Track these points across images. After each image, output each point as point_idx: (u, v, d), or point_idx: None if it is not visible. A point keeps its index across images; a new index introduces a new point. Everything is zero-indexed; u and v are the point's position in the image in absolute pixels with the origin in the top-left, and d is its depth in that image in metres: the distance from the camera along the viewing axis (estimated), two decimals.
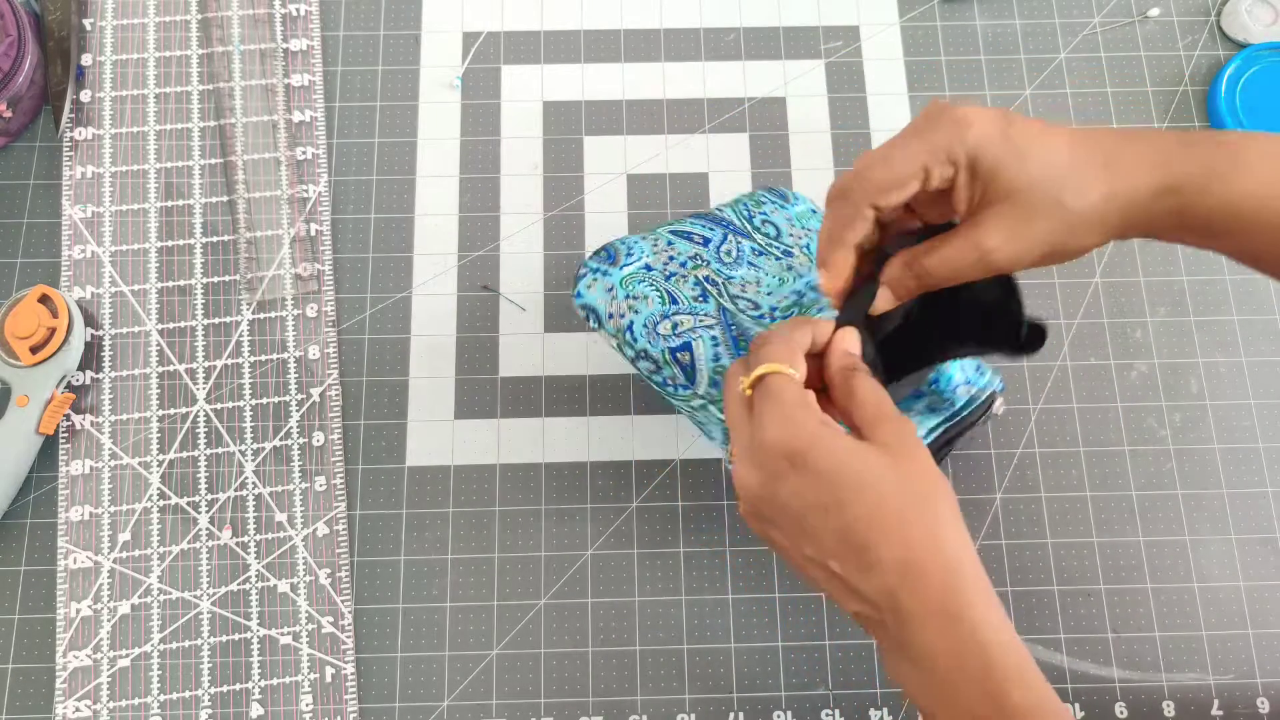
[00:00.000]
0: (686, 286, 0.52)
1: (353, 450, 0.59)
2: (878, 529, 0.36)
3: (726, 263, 0.54)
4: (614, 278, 0.52)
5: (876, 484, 0.37)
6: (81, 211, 0.62)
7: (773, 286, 0.52)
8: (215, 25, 0.66)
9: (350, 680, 0.55)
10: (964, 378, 0.52)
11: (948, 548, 0.36)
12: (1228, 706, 0.55)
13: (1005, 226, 0.39)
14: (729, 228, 0.56)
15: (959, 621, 0.35)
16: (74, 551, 0.56)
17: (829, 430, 0.38)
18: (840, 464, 0.37)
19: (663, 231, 0.55)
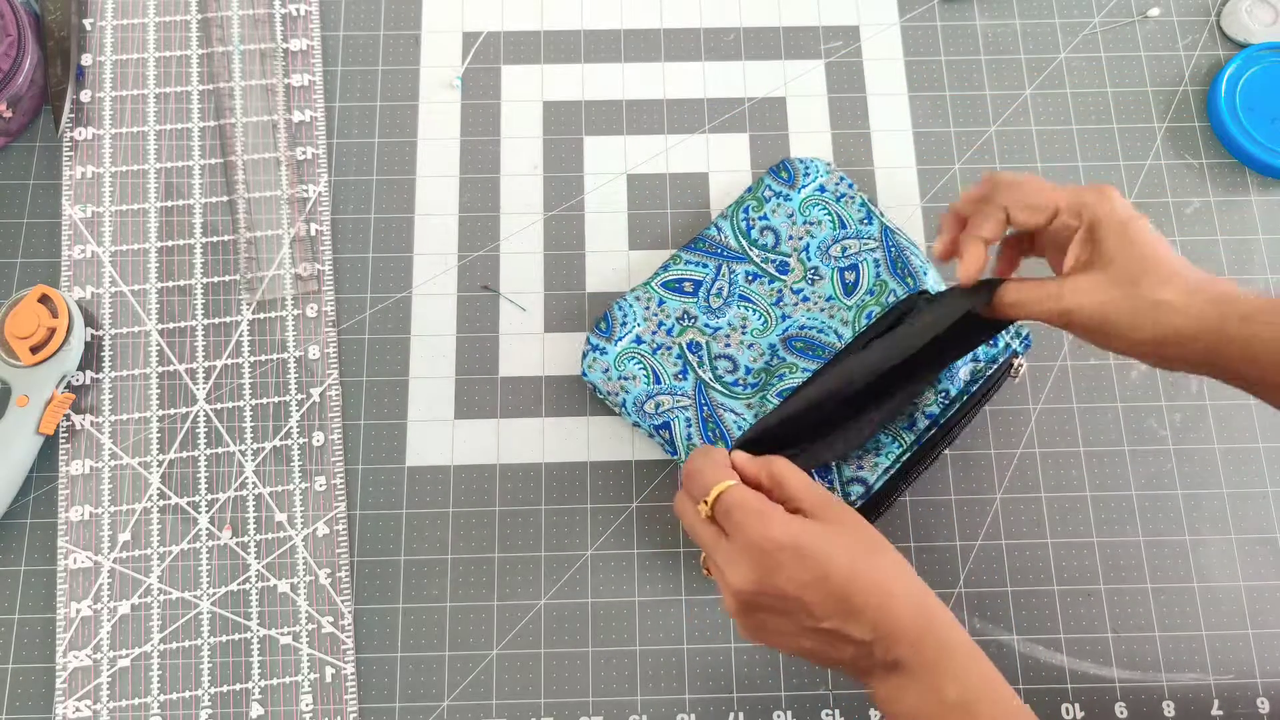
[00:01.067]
0: (670, 360, 0.58)
1: (353, 450, 0.59)
2: (854, 582, 0.42)
3: (715, 309, 0.59)
4: (609, 356, 0.58)
5: (842, 550, 0.43)
6: (81, 211, 0.62)
7: (756, 332, 0.58)
8: (215, 25, 0.66)
9: (350, 680, 0.55)
10: (968, 355, 0.55)
11: (903, 579, 0.43)
12: (1228, 706, 0.55)
13: (1087, 280, 0.46)
14: (723, 255, 0.60)
15: (930, 625, 0.43)
16: (74, 551, 0.56)
17: (796, 519, 0.44)
18: (815, 543, 0.43)
19: (655, 287, 0.60)
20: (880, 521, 0.58)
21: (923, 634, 0.42)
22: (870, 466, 0.54)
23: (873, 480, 0.54)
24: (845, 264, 0.59)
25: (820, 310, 0.58)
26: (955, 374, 0.55)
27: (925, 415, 0.55)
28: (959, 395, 0.55)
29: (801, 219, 0.60)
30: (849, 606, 0.42)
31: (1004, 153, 0.66)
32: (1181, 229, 0.64)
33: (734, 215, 0.61)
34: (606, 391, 0.58)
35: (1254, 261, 0.63)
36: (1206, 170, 0.66)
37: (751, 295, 0.59)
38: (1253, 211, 0.65)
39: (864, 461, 0.54)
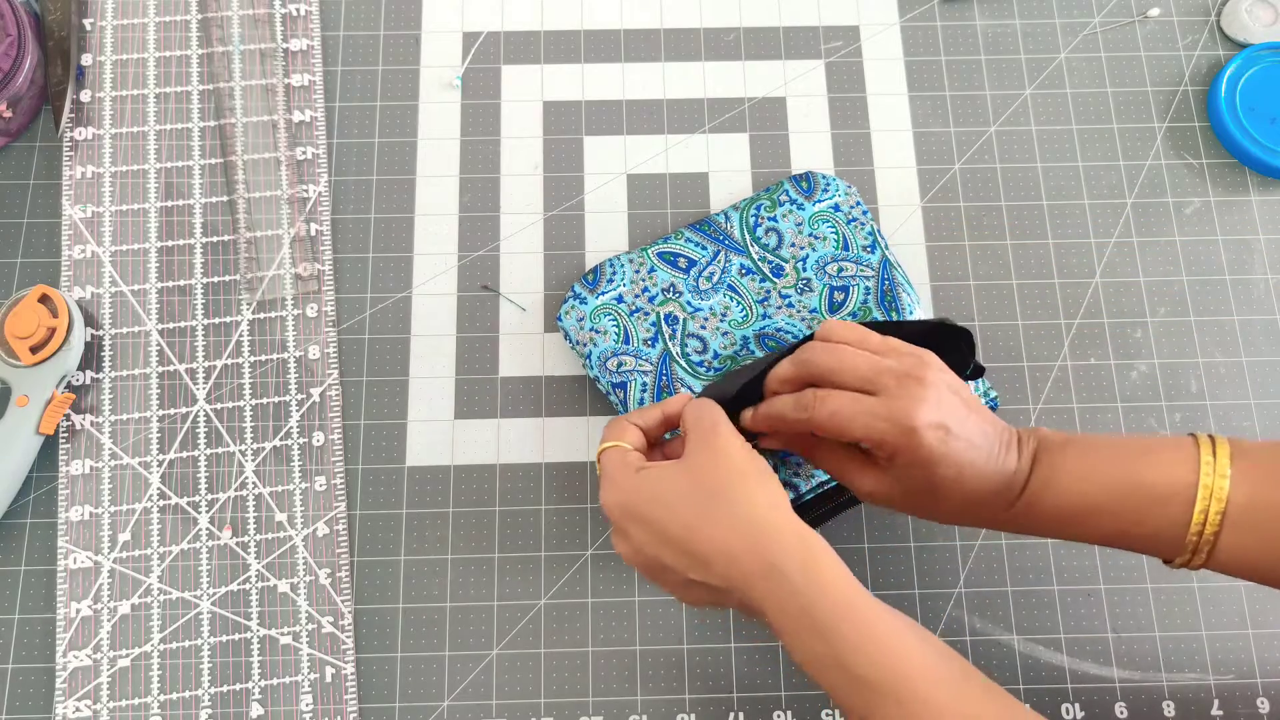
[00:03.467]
0: (644, 326, 0.58)
1: (353, 450, 0.59)
2: (693, 534, 0.43)
3: (702, 290, 0.59)
4: (588, 307, 0.59)
5: (680, 502, 0.44)
6: (81, 211, 0.62)
7: (734, 323, 0.59)
8: (215, 25, 0.66)
9: (350, 680, 0.55)
10: None
11: (750, 523, 0.43)
12: (1228, 706, 0.55)
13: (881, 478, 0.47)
14: (724, 243, 0.61)
15: (774, 573, 0.42)
16: (74, 551, 0.56)
17: (640, 475, 0.45)
18: (648, 505, 0.44)
19: (650, 254, 0.60)
20: (882, 521, 0.58)
21: (769, 586, 0.42)
22: (805, 475, 0.55)
23: (805, 489, 0.55)
24: (838, 283, 0.59)
25: (800, 319, 0.59)
26: None
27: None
28: None
29: (808, 230, 0.60)
30: (697, 559, 0.43)
31: (1004, 153, 0.66)
32: (1181, 229, 0.64)
33: (746, 209, 0.61)
34: (576, 340, 0.58)
35: (1254, 261, 0.63)
36: (1206, 170, 0.66)
37: (740, 287, 0.59)
38: (1252, 211, 0.65)
39: (801, 470, 0.55)
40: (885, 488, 0.47)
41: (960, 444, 0.45)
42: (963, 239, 0.64)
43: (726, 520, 0.43)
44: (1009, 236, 0.64)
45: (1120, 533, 0.45)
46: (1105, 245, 0.64)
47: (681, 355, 0.58)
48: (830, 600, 0.42)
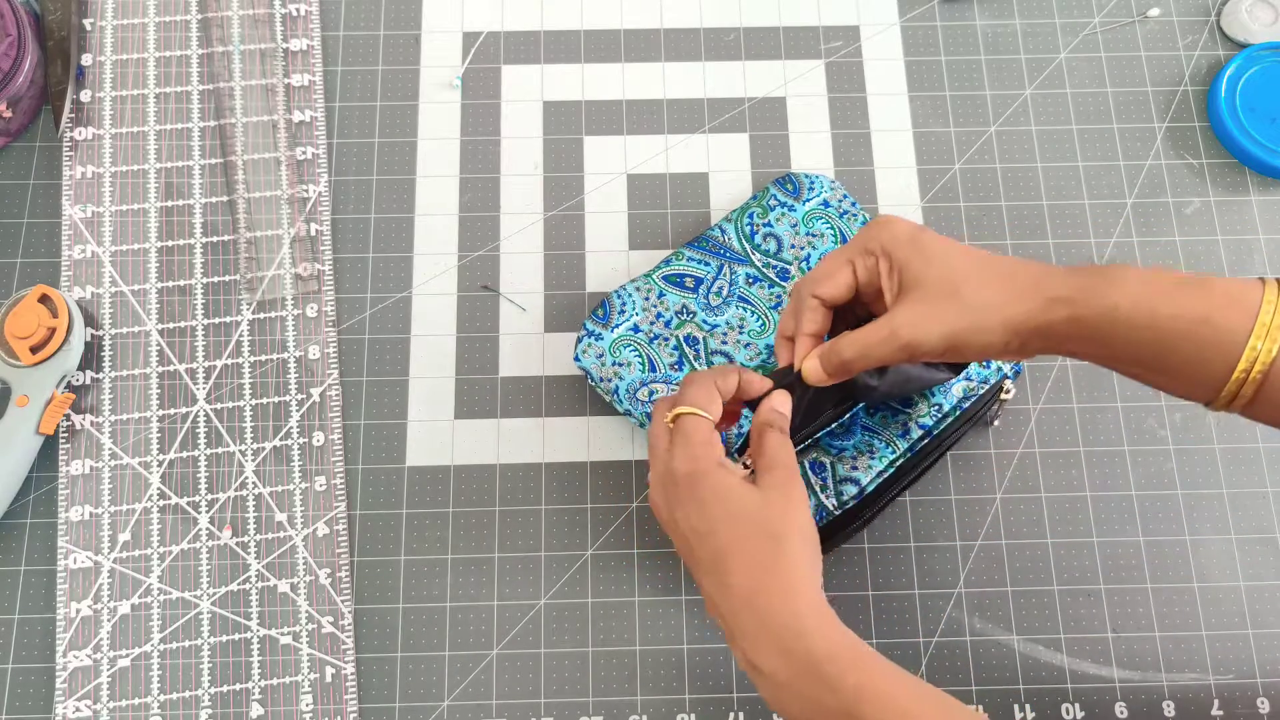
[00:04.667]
0: (666, 351, 0.58)
1: (353, 450, 0.59)
2: (734, 556, 0.43)
3: (714, 306, 0.59)
4: (605, 342, 0.58)
5: (742, 520, 0.43)
6: (81, 211, 0.62)
7: (753, 333, 0.59)
8: (215, 25, 0.66)
9: (350, 680, 0.55)
10: (964, 372, 0.54)
11: (786, 579, 0.43)
12: (1228, 706, 0.55)
13: (911, 310, 0.45)
14: (726, 255, 0.60)
15: (797, 639, 0.42)
16: (74, 551, 0.56)
17: (722, 469, 0.45)
18: (719, 497, 0.44)
19: (656, 279, 0.60)
20: (882, 522, 0.58)
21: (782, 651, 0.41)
22: (864, 468, 0.54)
23: (865, 481, 0.54)
24: None
25: None
26: (949, 389, 0.55)
27: (919, 425, 0.55)
28: (951, 410, 0.55)
29: (805, 230, 0.60)
30: (722, 579, 0.43)
31: (1004, 153, 0.66)
32: (1181, 229, 0.64)
33: (738, 219, 0.61)
34: (599, 377, 0.58)
35: (1254, 261, 0.63)
36: (1206, 170, 0.66)
37: (751, 297, 0.59)
38: (1253, 211, 0.65)
39: (858, 462, 0.54)
40: (919, 311, 0.45)
41: (943, 238, 0.46)
42: (963, 239, 0.64)
43: (766, 567, 0.43)
44: (1009, 236, 0.64)
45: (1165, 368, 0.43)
46: (1105, 245, 0.64)
47: None
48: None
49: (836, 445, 0.55)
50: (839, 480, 0.54)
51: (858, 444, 0.55)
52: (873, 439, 0.55)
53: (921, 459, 0.55)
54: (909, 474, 0.55)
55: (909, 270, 0.46)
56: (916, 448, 0.55)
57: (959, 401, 0.55)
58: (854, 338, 0.47)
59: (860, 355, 0.46)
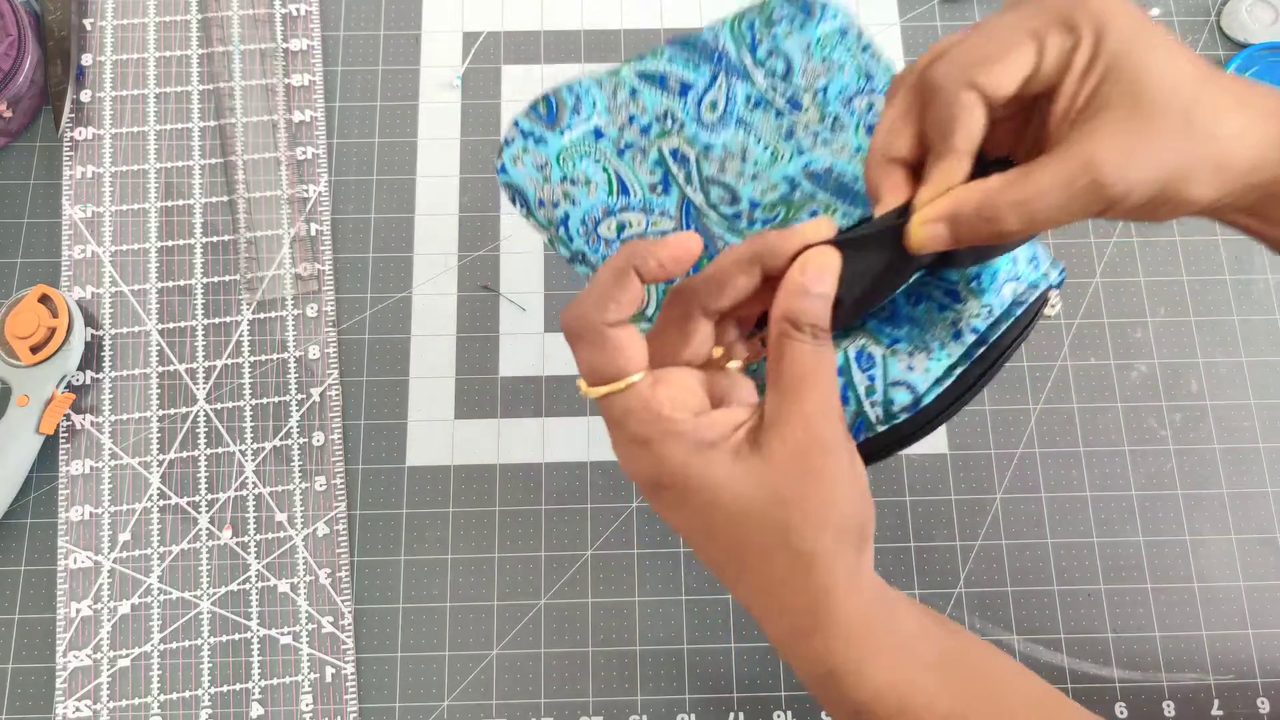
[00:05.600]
0: (645, 167, 0.41)
1: (353, 450, 0.59)
2: (743, 582, 0.33)
3: (707, 123, 0.43)
4: (550, 148, 0.40)
5: (746, 525, 0.31)
6: (81, 211, 0.62)
7: (762, 164, 0.42)
8: (215, 25, 0.66)
9: (350, 680, 0.55)
10: (1009, 270, 0.41)
11: (816, 613, 0.31)
12: (1228, 707, 0.55)
13: (1123, 139, 0.29)
14: (721, 64, 0.45)
15: (835, 685, 0.32)
16: (74, 551, 0.56)
17: (698, 459, 0.31)
18: (704, 503, 0.32)
19: (627, 74, 0.43)
20: (882, 521, 0.58)
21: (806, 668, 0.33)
22: (921, 369, 0.40)
23: (923, 389, 0.40)
24: (873, 122, 0.44)
25: (847, 160, 0.42)
26: (1000, 289, 0.42)
27: (971, 329, 0.41)
28: (1003, 315, 0.42)
29: (819, 55, 0.45)
30: (730, 579, 0.34)
31: None
32: (1182, 229, 0.64)
33: (736, 24, 0.46)
34: (539, 200, 0.41)
35: (1255, 262, 0.63)
36: None
37: (755, 123, 0.43)
38: None
39: (914, 361, 0.40)
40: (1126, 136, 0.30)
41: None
42: None
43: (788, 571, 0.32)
44: None
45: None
46: (1105, 245, 0.64)
47: (709, 206, 0.41)
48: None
49: (888, 332, 0.40)
50: (890, 383, 0.39)
51: (910, 336, 0.41)
52: (924, 335, 0.41)
53: (976, 376, 0.42)
54: (960, 395, 0.41)
55: (1123, 69, 0.30)
56: (973, 355, 0.41)
57: (1010, 305, 0.42)
58: (1016, 181, 0.31)
59: (1023, 206, 0.31)
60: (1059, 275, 0.43)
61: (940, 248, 0.33)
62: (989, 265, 0.40)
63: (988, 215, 0.31)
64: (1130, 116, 0.30)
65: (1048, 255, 0.42)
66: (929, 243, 0.33)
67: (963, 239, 0.32)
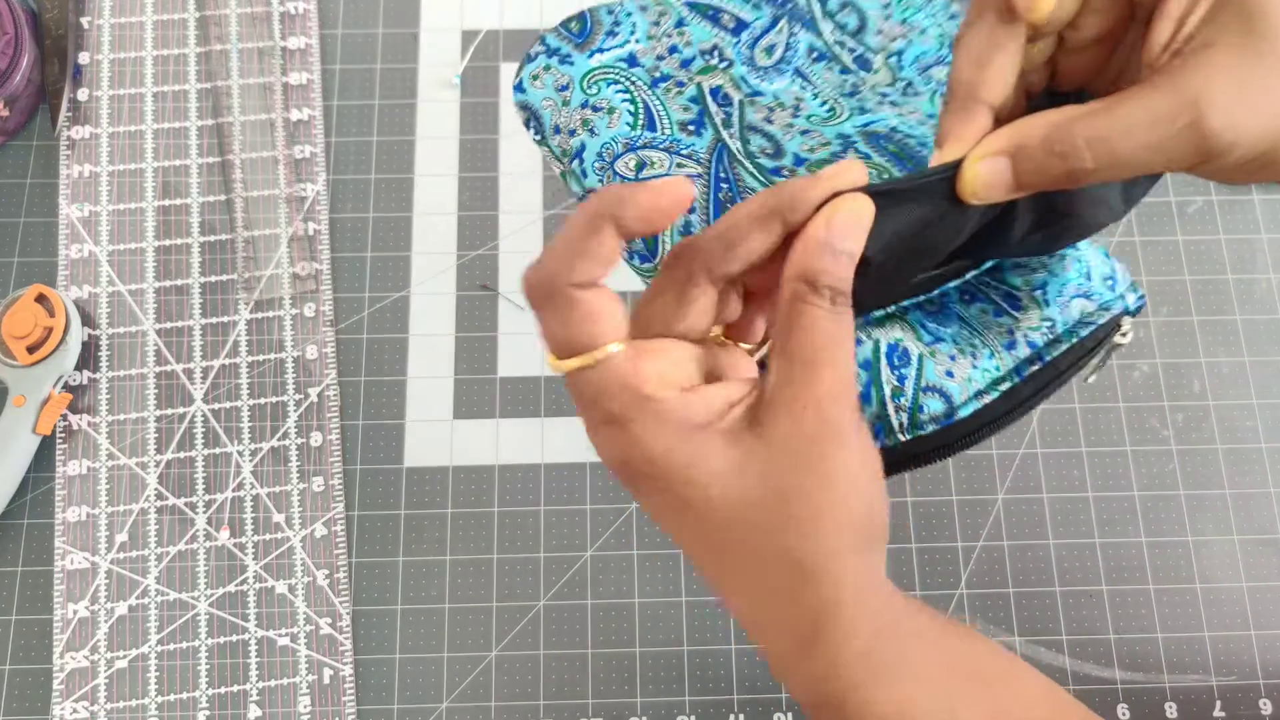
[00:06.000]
0: (679, 102, 0.36)
1: (351, 451, 0.59)
2: (732, 566, 0.28)
3: (760, 66, 0.38)
4: (576, 69, 0.36)
5: (740, 511, 0.27)
6: (79, 211, 0.62)
7: (816, 118, 0.37)
8: (213, 23, 0.66)
9: (348, 682, 0.55)
10: (1080, 285, 0.36)
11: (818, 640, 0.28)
12: (1230, 708, 0.55)
13: (1240, 77, 0.25)
14: (785, 7, 0.40)
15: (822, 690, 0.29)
16: (71, 552, 0.56)
17: (685, 445, 0.27)
18: (697, 492, 0.27)
19: (678, 2, 0.39)
20: None
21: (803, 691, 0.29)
22: (962, 377, 0.34)
23: (959, 400, 0.34)
24: None
25: (919, 123, 0.38)
26: (1067, 304, 0.37)
27: (1027, 342, 0.37)
28: (1066, 332, 0.37)
29: (900, 13, 0.40)
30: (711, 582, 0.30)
31: None
32: (1184, 228, 0.64)
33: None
34: (553, 126, 0.37)
35: (1256, 261, 0.63)
36: None
37: (814, 77, 0.39)
38: (1255, 211, 0.64)
39: (956, 365, 0.34)
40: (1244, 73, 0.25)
41: None
42: None
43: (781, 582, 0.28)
44: None
45: None
46: (1108, 245, 0.63)
47: (745, 155, 0.36)
48: None
49: (931, 328, 0.35)
50: (924, 387, 0.34)
51: (958, 337, 0.35)
52: (975, 339, 0.36)
53: (1023, 398, 0.36)
54: (1000, 416, 0.36)
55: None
56: (1024, 372, 0.36)
57: (1076, 324, 0.37)
58: (1099, 111, 0.26)
59: (1105, 142, 0.26)
60: (1137, 300, 0.38)
61: (1000, 194, 0.27)
62: (1057, 274, 0.36)
63: (1061, 149, 0.26)
64: (1250, 53, 0.25)
65: (1126, 276, 0.38)
66: (986, 186, 0.27)
67: (1027, 181, 0.27)
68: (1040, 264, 0.37)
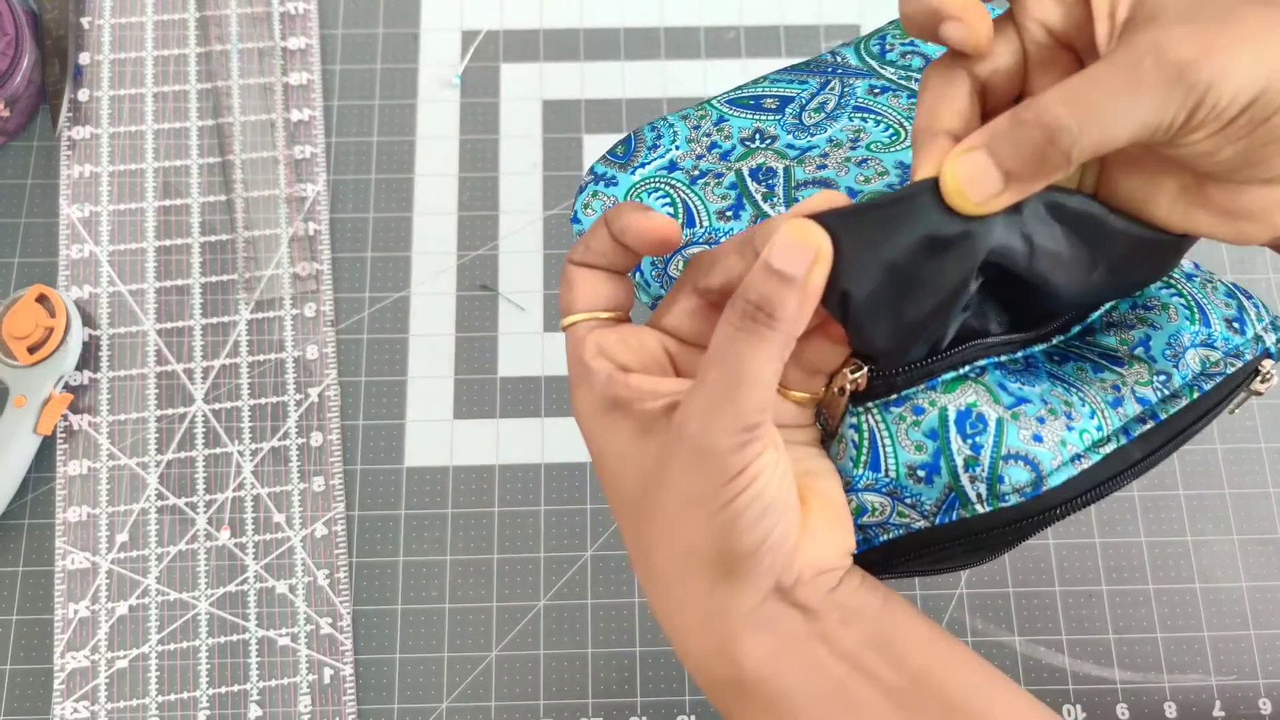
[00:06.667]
0: (716, 193, 0.36)
1: (351, 451, 0.59)
2: (639, 566, 0.29)
3: (809, 125, 0.37)
4: (620, 189, 0.37)
5: (628, 500, 0.28)
6: (79, 211, 0.62)
7: (877, 144, 0.35)
8: (213, 24, 0.66)
9: (349, 682, 0.55)
10: (1195, 334, 0.33)
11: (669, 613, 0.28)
12: (1230, 708, 0.55)
13: (1189, 19, 0.24)
14: (835, 72, 0.39)
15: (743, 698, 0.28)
16: (72, 552, 0.56)
17: (601, 418, 0.28)
18: (609, 471, 0.29)
19: (716, 103, 0.39)
20: None
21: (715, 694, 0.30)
22: (1053, 442, 0.30)
23: (1050, 466, 0.30)
24: None
25: None
26: (1181, 357, 0.33)
27: (1136, 399, 0.32)
28: (1183, 387, 0.33)
29: None
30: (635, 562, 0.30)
31: None
32: None
33: (862, 44, 0.41)
34: None
35: (1257, 261, 0.63)
36: None
37: (876, 107, 0.37)
38: None
39: (1046, 429, 0.30)
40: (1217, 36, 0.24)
41: None
42: None
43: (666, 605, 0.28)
44: None
45: None
46: None
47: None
48: None
49: (1014, 390, 0.31)
50: (1004, 455, 0.30)
51: (1047, 396, 0.31)
52: (1071, 396, 0.31)
53: (1132, 461, 0.32)
54: (1104, 482, 0.31)
55: None
56: (1133, 432, 0.32)
57: (1196, 378, 0.33)
58: (1069, 80, 0.25)
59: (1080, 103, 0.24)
60: (1277, 341, 0.33)
61: (988, 187, 0.26)
62: (1160, 326, 0.33)
63: (1044, 120, 0.25)
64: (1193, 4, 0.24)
65: (1264, 313, 0.34)
66: (969, 181, 0.26)
67: (1012, 166, 0.25)
68: (1137, 319, 0.33)
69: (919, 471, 0.30)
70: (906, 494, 0.31)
